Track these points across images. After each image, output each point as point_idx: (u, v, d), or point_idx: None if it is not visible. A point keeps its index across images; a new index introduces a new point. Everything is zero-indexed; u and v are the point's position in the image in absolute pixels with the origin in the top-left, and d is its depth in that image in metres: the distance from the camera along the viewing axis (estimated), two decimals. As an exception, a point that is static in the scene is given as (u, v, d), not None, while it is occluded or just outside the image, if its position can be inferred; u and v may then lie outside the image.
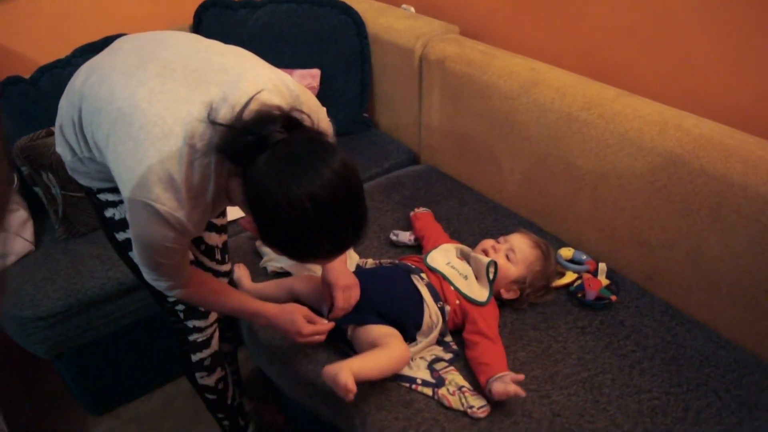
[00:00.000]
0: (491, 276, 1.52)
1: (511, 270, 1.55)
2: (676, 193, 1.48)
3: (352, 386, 1.20)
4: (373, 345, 1.37)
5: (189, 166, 1.03)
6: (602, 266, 1.66)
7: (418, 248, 1.78)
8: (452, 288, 1.51)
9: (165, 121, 1.03)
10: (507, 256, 1.56)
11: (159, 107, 1.05)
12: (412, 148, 2.30)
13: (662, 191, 1.51)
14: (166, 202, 1.04)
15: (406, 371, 1.42)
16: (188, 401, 2.06)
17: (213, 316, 1.57)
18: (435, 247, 1.62)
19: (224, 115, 1.04)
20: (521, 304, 1.58)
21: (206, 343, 1.59)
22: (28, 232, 1.93)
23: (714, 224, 1.43)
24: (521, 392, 1.27)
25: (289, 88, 1.13)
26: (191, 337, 1.54)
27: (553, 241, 1.80)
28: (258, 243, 1.80)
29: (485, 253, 1.57)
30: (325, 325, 1.39)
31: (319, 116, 1.21)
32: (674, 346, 1.47)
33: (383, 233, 1.84)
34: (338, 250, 1.05)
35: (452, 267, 1.54)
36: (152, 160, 1.02)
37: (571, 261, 1.71)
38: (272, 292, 1.59)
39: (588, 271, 1.65)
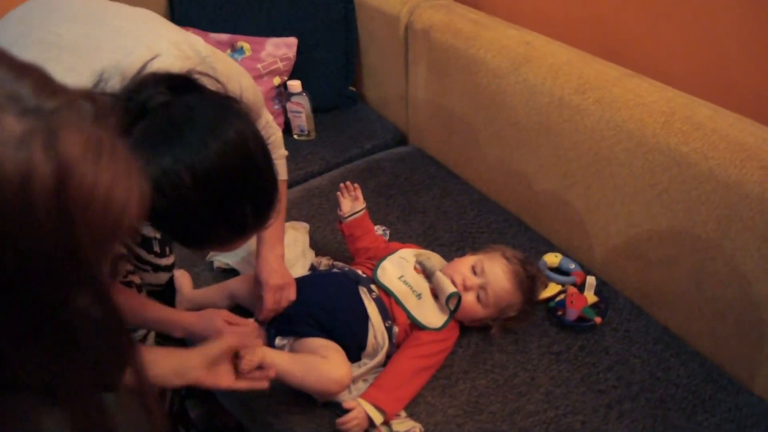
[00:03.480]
0: (452, 307, 1.28)
1: (479, 313, 1.30)
2: (679, 200, 1.22)
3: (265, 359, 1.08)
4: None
5: None
6: (590, 280, 1.41)
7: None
8: (402, 309, 1.28)
9: None
10: (478, 296, 1.29)
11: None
12: (399, 126, 2.06)
13: (663, 196, 1.25)
14: None
15: (343, 396, 1.21)
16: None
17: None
18: (391, 253, 1.39)
19: (114, 84, 0.88)
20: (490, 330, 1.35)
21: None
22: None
23: (722, 241, 1.17)
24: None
25: (198, 51, 1.00)
26: None
27: (541, 244, 1.56)
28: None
29: (454, 283, 1.29)
30: (247, 326, 1.23)
31: (240, 84, 1.06)
32: (664, 384, 1.23)
33: (349, 225, 1.62)
34: (238, 235, 0.90)
35: (405, 282, 1.31)
36: None
37: (557, 270, 1.47)
38: (212, 298, 1.40)
39: (574, 284, 1.41)
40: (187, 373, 1.05)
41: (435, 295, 1.31)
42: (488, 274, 1.29)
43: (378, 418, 1.13)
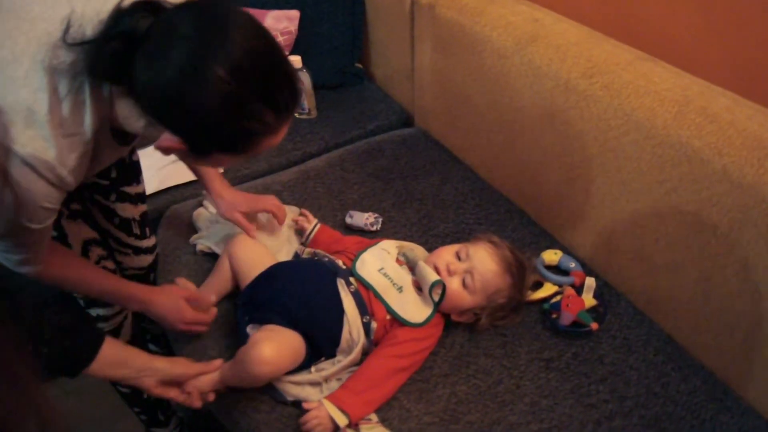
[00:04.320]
0: (436, 298, 1.19)
1: (466, 300, 1.21)
2: (688, 201, 1.10)
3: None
4: None
5: (53, 94, 0.83)
6: (590, 282, 1.30)
7: (375, 234, 1.47)
8: (381, 303, 1.19)
9: (15, 42, 0.83)
10: (463, 281, 1.21)
11: (8, 26, 0.85)
12: (405, 107, 1.96)
13: (672, 195, 1.13)
14: (28, 143, 0.81)
15: (313, 396, 1.14)
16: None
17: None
18: (371, 246, 1.30)
19: (85, 31, 0.84)
20: (477, 327, 1.26)
21: (114, 333, 1.37)
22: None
23: (733, 249, 1.05)
24: None
25: None
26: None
27: (542, 239, 1.45)
28: (195, 214, 1.52)
29: (437, 270, 1.22)
30: (209, 314, 1.23)
31: None
32: (662, 400, 1.12)
33: (341, 212, 1.53)
34: (283, 115, 0.86)
35: (385, 275, 1.22)
36: (0, 92, 0.82)
37: (556, 269, 1.36)
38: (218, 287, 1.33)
39: (572, 285, 1.30)
40: (140, 380, 1.06)
41: (419, 288, 1.22)
42: (473, 258, 1.21)
43: (342, 421, 1.05)
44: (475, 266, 1.21)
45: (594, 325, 1.21)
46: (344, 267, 1.24)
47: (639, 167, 1.17)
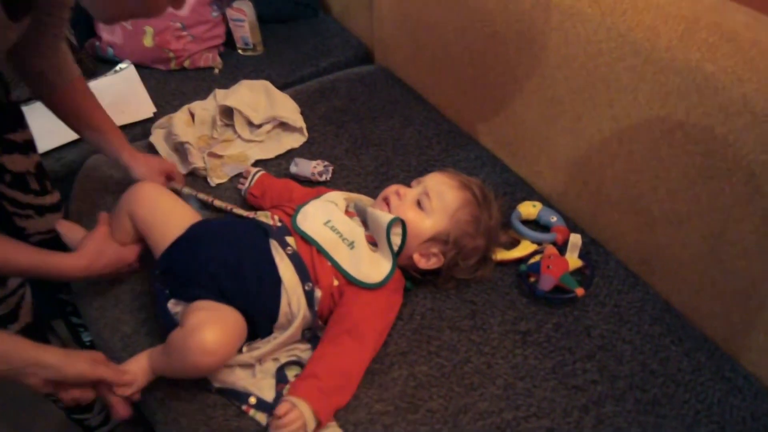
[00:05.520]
0: (396, 247, 0.99)
1: (425, 223, 1.03)
2: (698, 139, 0.90)
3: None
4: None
5: None
6: (575, 239, 1.10)
7: (324, 186, 1.25)
8: (328, 263, 0.99)
9: None
10: (419, 203, 1.04)
11: None
12: (363, 41, 1.72)
13: (676, 134, 0.93)
14: None
15: (244, 381, 0.93)
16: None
17: (13, 282, 1.11)
18: (315, 197, 1.09)
19: None
20: (444, 281, 1.06)
21: (11, 317, 1.14)
22: None
23: (753, 198, 0.86)
24: None
25: None
26: None
27: (519, 189, 1.25)
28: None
29: (386, 204, 1.04)
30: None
31: None
32: (661, 379, 0.94)
33: (286, 160, 1.31)
34: None
35: (333, 229, 1.02)
36: None
37: (535, 223, 1.16)
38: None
39: (554, 243, 1.11)
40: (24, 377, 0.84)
41: (374, 243, 1.01)
42: (425, 180, 1.08)
43: (311, 426, 0.86)
44: (429, 185, 1.05)
45: (579, 291, 1.02)
46: (280, 224, 1.03)
47: (636, 100, 0.96)
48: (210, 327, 0.86)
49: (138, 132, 1.46)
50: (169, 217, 1.04)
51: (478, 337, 1.00)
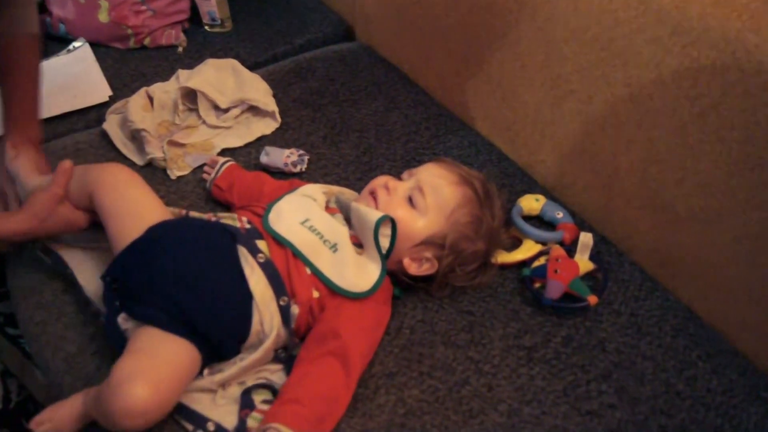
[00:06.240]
0: (384, 249, 0.86)
1: (418, 224, 0.89)
2: (735, 125, 0.77)
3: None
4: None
5: None
6: (585, 238, 0.97)
7: (299, 178, 1.11)
8: (307, 270, 0.84)
9: None
10: (410, 200, 0.90)
11: None
12: (344, 16, 1.58)
13: (708, 118, 0.79)
14: None
15: (201, 405, 0.79)
16: None
17: None
18: (289, 192, 0.95)
19: None
20: (439, 288, 0.92)
21: None
22: None
23: (802, 192, 0.73)
24: None
25: None
26: None
27: (519, 181, 1.12)
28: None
29: (373, 198, 0.91)
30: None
31: None
32: (688, 402, 0.82)
33: (256, 149, 1.17)
34: None
35: (312, 229, 0.88)
36: None
37: (538, 220, 1.03)
38: None
39: (561, 243, 0.97)
40: None
41: (360, 245, 0.88)
42: (419, 173, 0.94)
43: None
44: (423, 179, 0.92)
45: (592, 299, 0.89)
46: (249, 226, 0.88)
47: (659, 78, 0.83)
48: (140, 382, 0.69)
49: (92, 118, 1.31)
50: (134, 210, 0.89)
51: (477, 354, 0.87)
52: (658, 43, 0.81)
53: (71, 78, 1.38)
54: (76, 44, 1.48)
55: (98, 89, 1.36)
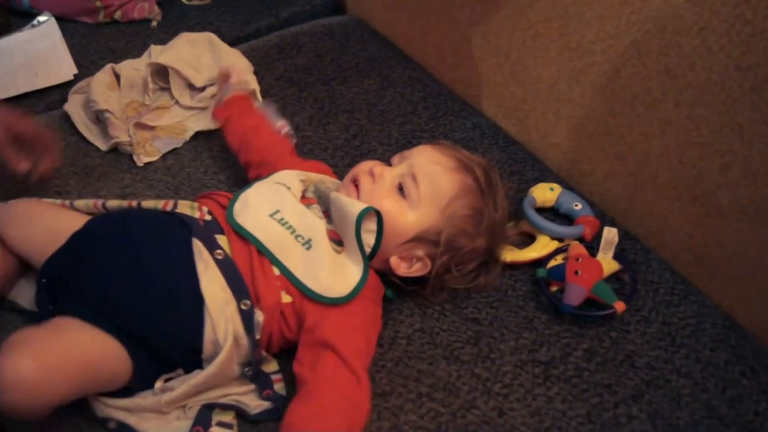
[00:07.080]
0: (369, 248, 0.74)
1: (408, 217, 0.77)
2: (795, 99, 0.64)
3: None
4: None
5: None
6: (609, 234, 0.84)
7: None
8: (275, 270, 0.72)
9: None
10: (400, 187, 0.78)
11: None
12: (333, -13, 1.48)
13: (764, 93, 0.67)
14: None
15: (149, 424, 0.69)
16: None
17: None
18: (259, 179, 0.83)
19: None
20: (433, 292, 0.81)
21: None
22: None
23: None
24: None
25: None
26: None
27: (529, 167, 1.01)
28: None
29: (355, 187, 0.80)
30: None
31: None
32: (734, 429, 0.70)
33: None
34: None
35: (282, 222, 0.76)
36: None
37: (554, 212, 0.90)
38: None
39: (580, 239, 0.85)
40: None
41: (338, 241, 0.77)
42: (412, 156, 0.82)
43: None
44: (416, 164, 0.80)
45: (619, 305, 0.76)
46: (209, 218, 0.77)
47: (703, 45, 0.71)
48: (27, 351, 0.61)
49: (56, 98, 1.21)
50: (50, 232, 0.77)
51: (485, 371, 0.75)
52: (703, 3, 0.69)
53: (33, 55, 1.28)
54: (41, 19, 1.37)
55: (63, 67, 1.27)
